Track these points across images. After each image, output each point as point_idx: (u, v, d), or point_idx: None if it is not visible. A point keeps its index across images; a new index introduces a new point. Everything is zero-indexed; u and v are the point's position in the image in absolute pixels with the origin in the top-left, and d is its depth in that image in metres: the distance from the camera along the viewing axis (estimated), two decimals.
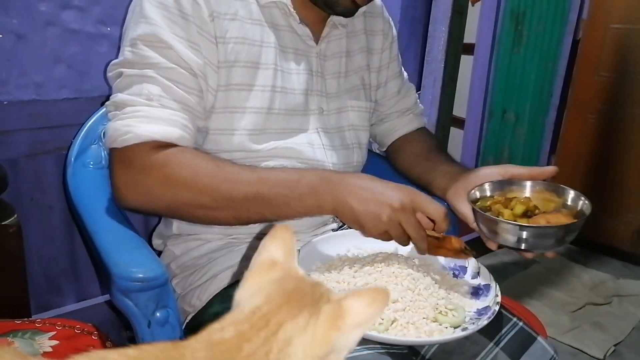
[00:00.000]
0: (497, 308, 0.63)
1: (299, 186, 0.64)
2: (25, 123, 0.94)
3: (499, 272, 1.83)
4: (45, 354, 0.65)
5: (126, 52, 0.67)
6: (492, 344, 0.66)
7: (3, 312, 0.75)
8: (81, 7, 0.95)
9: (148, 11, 0.67)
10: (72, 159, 0.84)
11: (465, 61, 1.95)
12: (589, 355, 1.51)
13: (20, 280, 0.74)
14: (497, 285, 0.68)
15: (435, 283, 0.67)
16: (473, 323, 0.62)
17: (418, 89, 1.48)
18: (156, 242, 0.86)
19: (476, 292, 0.69)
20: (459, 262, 0.75)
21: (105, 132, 0.68)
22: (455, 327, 0.61)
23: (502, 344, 0.66)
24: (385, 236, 0.65)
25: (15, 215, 0.74)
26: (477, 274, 0.72)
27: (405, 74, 1.02)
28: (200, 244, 0.78)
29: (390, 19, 0.97)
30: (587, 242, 2.17)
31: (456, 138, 2.27)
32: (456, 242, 0.69)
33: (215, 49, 0.70)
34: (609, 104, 2.07)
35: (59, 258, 1.05)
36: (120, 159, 0.66)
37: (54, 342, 0.68)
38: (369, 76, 0.92)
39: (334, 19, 0.82)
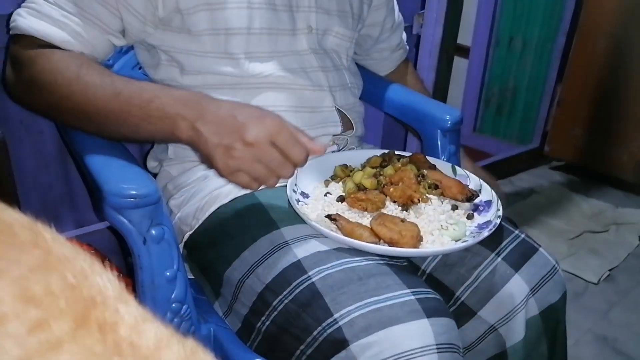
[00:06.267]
0: (498, 221, 0.62)
1: (150, 107, 0.58)
2: None
3: None
4: None
5: None
6: (493, 254, 0.66)
7: None
8: None
9: None
10: None
11: None
12: (584, 280, 1.54)
13: (12, 198, 0.73)
14: (499, 201, 0.67)
15: (438, 200, 0.66)
16: (474, 236, 0.61)
17: (422, 7, 1.41)
18: (151, 164, 0.84)
19: (476, 208, 0.68)
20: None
21: None
22: (456, 240, 0.61)
23: (503, 254, 0.66)
24: (240, 178, 0.56)
25: (0, 131, 0.72)
26: (478, 191, 0.71)
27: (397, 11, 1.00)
28: (197, 165, 0.76)
29: None
30: (589, 172, 2.16)
31: (460, 68, 2.20)
32: (457, 188, 0.68)
33: None
34: (621, 27, 1.97)
35: (54, 184, 1.04)
36: (8, 47, 0.66)
37: None
38: (360, 5, 0.86)
39: None
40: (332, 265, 0.59)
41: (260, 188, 0.59)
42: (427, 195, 0.66)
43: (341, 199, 0.65)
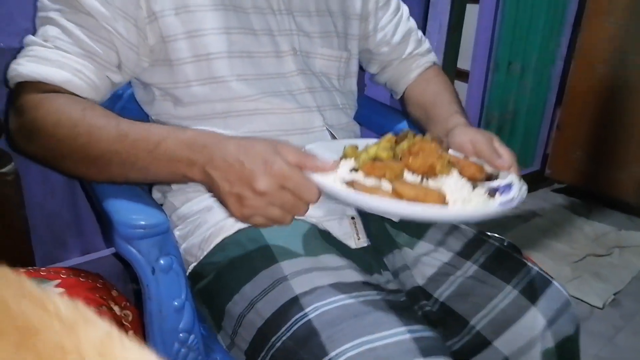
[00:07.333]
0: (525, 195, 0.56)
1: (158, 151, 0.58)
2: None
3: (500, 225, 1.83)
4: None
5: None
6: (509, 286, 0.67)
7: (8, 262, 0.75)
8: None
9: None
10: None
11: (471, 11, 1.89)
12: (589, 304, 1.53)
13: (23, 230, 0.74)
14: (521, 179, 0.61)
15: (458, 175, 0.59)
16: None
17: (423, 33, 1.43)
18: (156, 195, 0.85)
19: (494, 192, 0.60)
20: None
21: None
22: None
23: (519, 287, 0.67)
24: (256, 221, 0.57)
25: (13, 164, 0.73)
26: (495, 177, 0.65)
27: (404, 10, 0.96)
28: (199, 195, 0.77)
29: None
30: (591, 195, 2.16)
31: (460, 92, 2.22)
32: (475, 169, 0.62)
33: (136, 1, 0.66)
34: (617, 53, 2.01)
35: (62, 211, 1.05)
36: (11, 97, 0.66)
37: (59, 290, 0.69)
38: (344, 24, 0.86)
39: None
40: (329, 301, 0.59)
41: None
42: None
43: (355, 170, 0.57)
